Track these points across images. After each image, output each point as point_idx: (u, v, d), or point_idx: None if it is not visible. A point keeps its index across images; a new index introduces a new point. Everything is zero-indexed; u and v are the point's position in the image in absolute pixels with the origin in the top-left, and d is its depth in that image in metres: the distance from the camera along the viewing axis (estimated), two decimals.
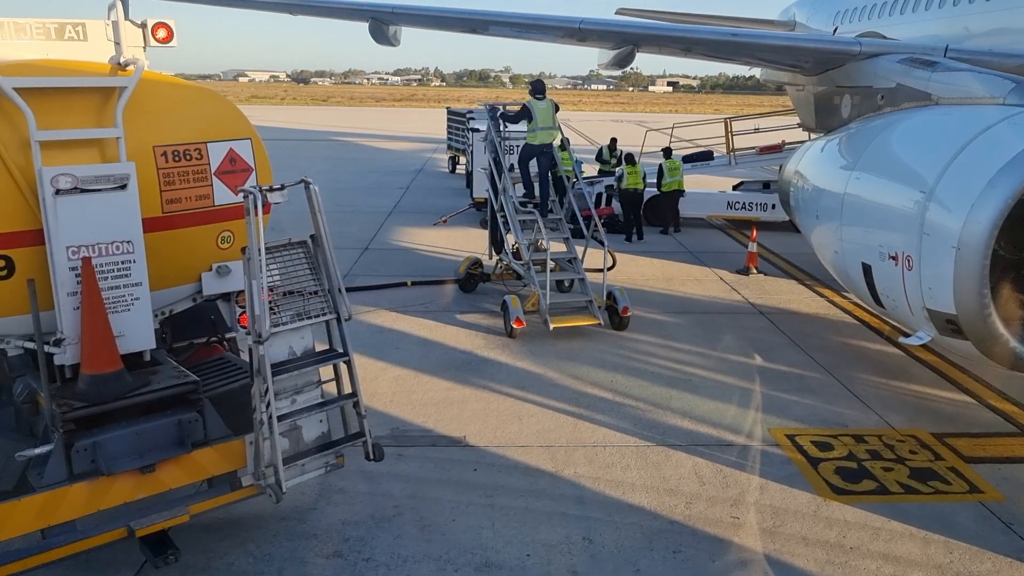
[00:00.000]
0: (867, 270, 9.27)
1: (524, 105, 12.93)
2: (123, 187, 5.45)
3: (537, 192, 13.13)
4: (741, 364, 10.82)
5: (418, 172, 31.82)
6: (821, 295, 14.42)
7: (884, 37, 16.66)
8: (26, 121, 5.17)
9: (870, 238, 9.21)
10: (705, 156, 23.54)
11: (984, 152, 7.84)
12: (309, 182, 5.86)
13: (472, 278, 13.86)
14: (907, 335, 9.15)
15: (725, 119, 23.04)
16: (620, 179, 19.29)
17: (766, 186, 21.37)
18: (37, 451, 5.36)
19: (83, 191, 5.32)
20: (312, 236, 6.05)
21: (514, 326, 11.46)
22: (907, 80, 10.80)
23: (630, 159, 19.88)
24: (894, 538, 6.73)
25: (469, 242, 17.34)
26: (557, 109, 13.12)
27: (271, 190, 5.62)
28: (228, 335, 7.08)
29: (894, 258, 8.58)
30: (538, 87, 13.13)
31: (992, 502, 7.32)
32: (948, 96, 10.00)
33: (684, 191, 20.16)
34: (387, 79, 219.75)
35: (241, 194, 5.59)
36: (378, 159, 36.89)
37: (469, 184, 22.78)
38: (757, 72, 22.65)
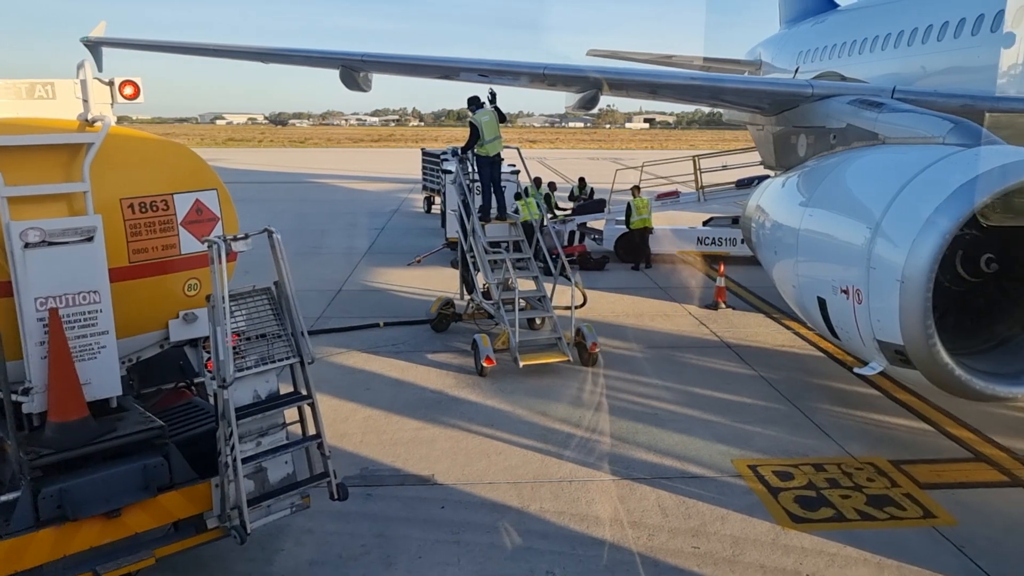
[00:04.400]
0: (822, 304, 9.57)
1: (470, 123, 13.57)
2: (90, 239, 5.64)
3: (495, 202, 13.88)
4: (707, 397, 11.05)
5: (394, 212, 32.12)
6: (788, 328, 14.73)
7: (843, 76, 17.27)
8: None
9: (823, 273, 9.53)
10: (596, 207, 23.16)
11: (924, 190, 8.21)
12: (272, 231, 6.08)
13: (444, 318, 14.05)
14: (863, 366, 9.44)
15: (693, 157, 23.50)
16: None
17: (735, 221, 21.77)
18: (4, 498, 5.46)
19: (51, 244, 5.51)
20: (276, 282, 6.25)
21: (484, 365, 11.64)
22: (856, 120, 11.23)
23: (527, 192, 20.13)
24: (849, 564, 6.92)
25: (443, 282, 17.55)
26: (502, 116, 13.88)
27: (235, 239, 5.83)
28: (196, 380, 7.23)
29: (845, 292, 8.89)
30: (475, 100, 13.93)
31: (945, 526, 7.54)
32: (894, 136, 10.41)
33: (652, 228, 20.57)
34: (365, 120, 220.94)
35: (206, 244, 5.79)
36: (354, 200, 37.19)
37: (444, 224, 23.06)
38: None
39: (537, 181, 21.74)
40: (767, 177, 22.20)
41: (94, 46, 18.26)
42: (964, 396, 8.41)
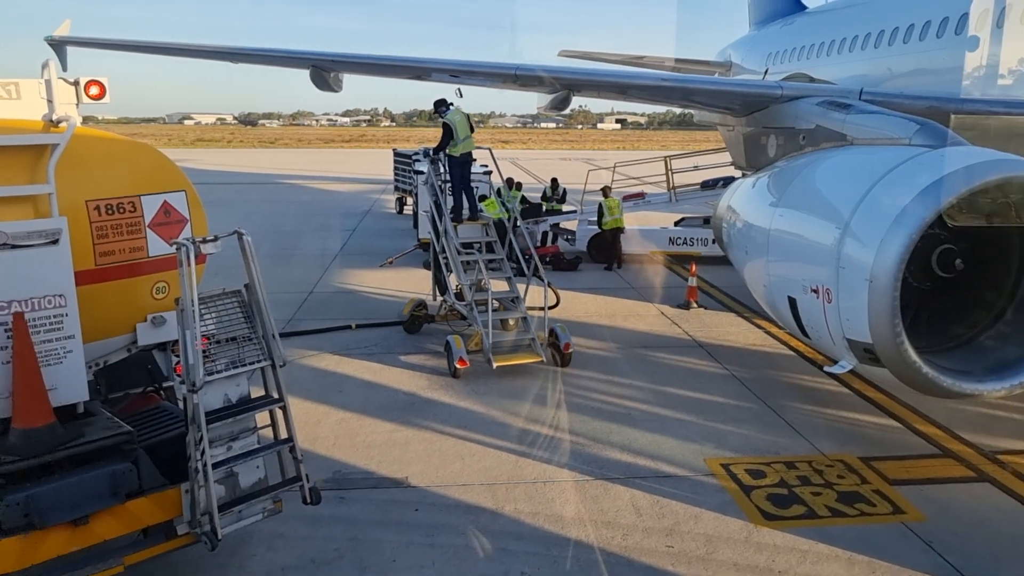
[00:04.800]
0: (793, 303, 9.66)
1: (445, 123, 13.55)
2: (55, 242, 5.54)
3: (466, 203, 13.91)
4: (680, 397, 11.11)
5: (366, 214, 31.96)
6: (759, 327, 14.85)
7: (811, 78, 17.46)
8: None
9: (794, 272, 9.63)
10: (535, 211, 22.93)
11: (891, 191, 8.33)
12: (242, 233, 6.02)
13: (416, 319, 14.00)
14: (833, 364, 9.55)
15: (665, 158, 23.66)
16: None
17: (706, 221, 21.93)
18: None
19: (15, 247, 5.40)
20: (246, 285, 6.19)
21: (457, 366, 11.61)
22: (825, 121, 11.38)
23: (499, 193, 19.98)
24: (820, 560, 6.99)
25: (415, 283, 17.48)
26: (468, 118, 14.05)
27: (204, 241, 5.76)
28: (165, 384, 7.13)
29: (816, 291, 8.99)
30: (443, 103, 14.00)
31: (914, 522, 7.64)
32: (861, 137, 10.56)
33: (624, 228, 20.69)
34: (336, 120, 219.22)
35: (174, 246, 5.72)
36: (326, 201, 36.96)
37: (416, 225, 22.99)
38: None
39: (509, 182, 21.75)
40: (732, 178, 22.52)
41: (58, 45, 17.96)
42: (932, 393, 8.54)
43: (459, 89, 13.88)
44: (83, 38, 19.18)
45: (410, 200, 28.03)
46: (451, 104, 13.89)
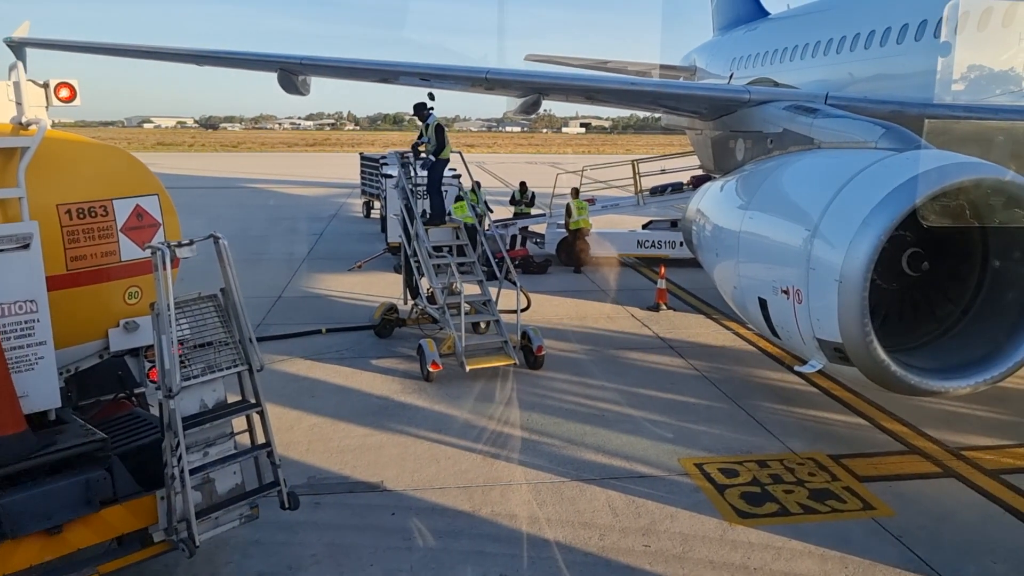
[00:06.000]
0: (763, 304, 9.80)
1: (438, 125, 13.52)
2: (26, 247, 5.44)
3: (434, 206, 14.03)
4: (652, 397, 11.20)
5: (332, 218, 31.76)
6: (728, 328, 15.02)
7: (775, 82, 17.74)
8: None
9: (764, 274, 9.77)
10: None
11: (859, 193, 8.50)
12: (219, 237, 5.96)
13: (388, 323, 13.94)
14: (803, 364, 9.69)
15: (632, 161, 23.84)
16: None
17: (674, 224, 22.15)
18: None
19: None
20: (222, 289, 6.12)
21: (430, 370, 11.58)
22: (792, 125, 11.57)
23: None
24: (794, 556, 7.09)
25: (385, 287, 17.42)
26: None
27: (179, 246, 5.70)
28: (137, 390, 7.02)
29: (786, 292, 9.13)
30: (424, 106, 13.93)
31: (883, 518, 7.79)
32: (828, 140, 10.76)
33: (588, 230, 20.85)
34: (300, 124, 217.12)
35: (149, 250, 5.65)
36: (291, 206, 36.65)
37: (384, 229, 22.90)
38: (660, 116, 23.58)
39: (478, 185, 21.77)
40: (680, 184, 22.88)
41: (18, 47, 17.56)
42: (900, 391, 8.70)
43: (431, 93, 13.85)
44: (44, 40, 18.79)
45: (377, 204, 27.89)
46: (431, 109, 13.85)
